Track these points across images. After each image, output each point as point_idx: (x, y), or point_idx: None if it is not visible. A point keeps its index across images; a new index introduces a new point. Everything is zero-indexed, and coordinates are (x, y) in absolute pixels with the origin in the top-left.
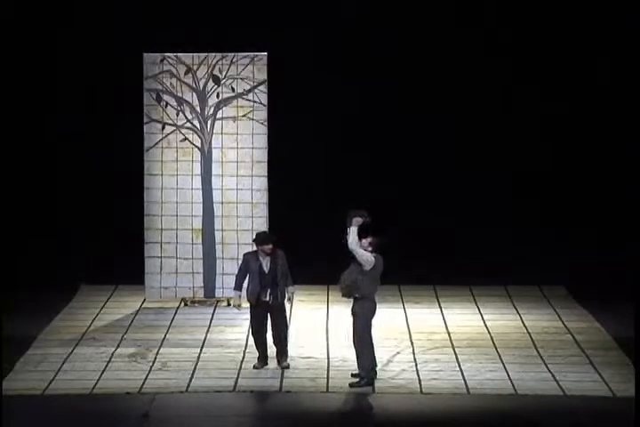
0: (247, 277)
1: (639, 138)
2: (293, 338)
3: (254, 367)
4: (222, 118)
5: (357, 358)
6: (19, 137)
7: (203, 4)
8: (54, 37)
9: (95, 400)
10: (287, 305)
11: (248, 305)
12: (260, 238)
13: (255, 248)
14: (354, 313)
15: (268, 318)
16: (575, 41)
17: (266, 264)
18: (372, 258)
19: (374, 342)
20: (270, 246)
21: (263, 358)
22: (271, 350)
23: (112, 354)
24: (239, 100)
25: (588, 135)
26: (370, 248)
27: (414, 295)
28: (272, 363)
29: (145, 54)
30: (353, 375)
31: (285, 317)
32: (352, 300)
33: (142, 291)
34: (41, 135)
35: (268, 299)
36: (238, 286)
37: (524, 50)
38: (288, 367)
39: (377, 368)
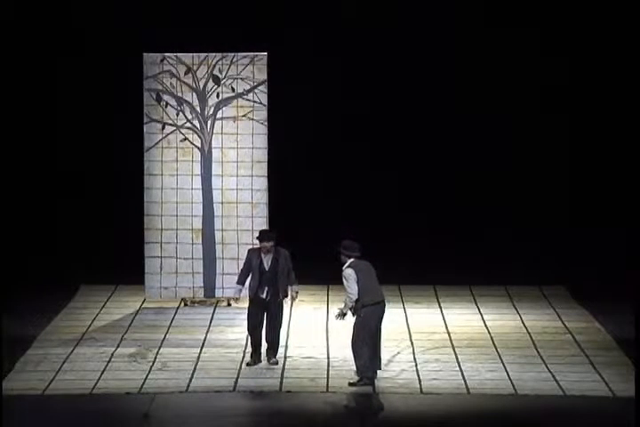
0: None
1: (638, 137)
2: (294, 338)
3: (247, 364)
4: (222, 118)
5: (354, 359)
6: (19, 137)
7: (203, 4)
8: (54, 37)
9: (95, 400)
10: (288, 304)
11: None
12: (260, 236)
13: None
14: (356, 316)
15: (265, 315)
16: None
17: (266, 262)
18: (353, 281)
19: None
20: (271, 244)
21: (257, 355)
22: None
23: (112, 354)
24: (239, 100)
25: (587, 136)
26: (350, 259)
27: (414, 295)
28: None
29: (145, 54)
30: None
31: (281, 315)
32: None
33: (142, 291)
34: (41, 135)
35: (265, 296)
36: (240, 282)
37: (524, 48)
38: (277, 364)
39: (378, 369)
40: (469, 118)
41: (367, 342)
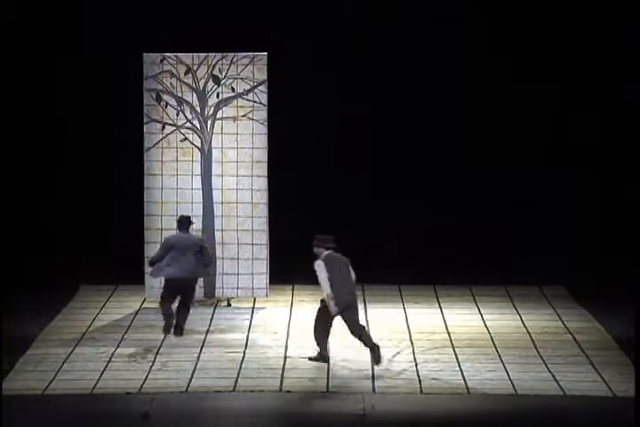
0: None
1: (638, 138)
2: (294, 338)
3: (163, 331)
4: (222, 118)
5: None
6: (19, 137)
7: (203, 4)
8: (54, 37)
9: (95, 400)
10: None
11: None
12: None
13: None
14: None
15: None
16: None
17: None
18: (322, 270)
19: (374, 340)
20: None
21: (168, 326)
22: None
23: (112, 354)
24: (239, 100)
25: (586, 135)
26: (325, 251)
27: (414, 295)
28: (271, 361)
29: (145, 54)
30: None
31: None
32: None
33: (142, 291)
34: (41, 135)
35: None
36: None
37: (525, 49)
38: (181, 335)
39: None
40: (470, 118)
41: (319, 329)
